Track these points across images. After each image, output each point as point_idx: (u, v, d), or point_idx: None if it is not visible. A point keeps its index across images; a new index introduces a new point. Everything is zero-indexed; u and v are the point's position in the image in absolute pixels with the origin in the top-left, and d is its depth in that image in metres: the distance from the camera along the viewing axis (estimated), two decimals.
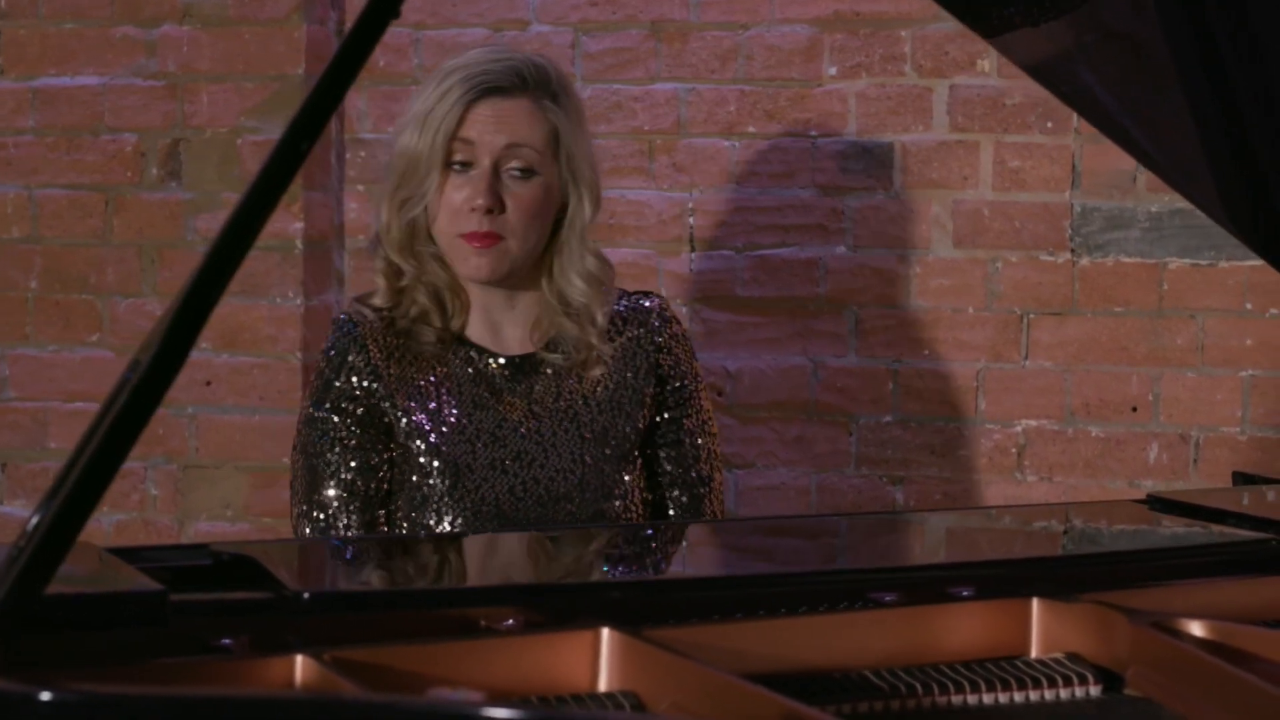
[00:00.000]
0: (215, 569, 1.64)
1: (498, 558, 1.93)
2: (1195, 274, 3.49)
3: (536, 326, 2.63)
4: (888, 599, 1.83)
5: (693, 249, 3.68)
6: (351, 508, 2.55)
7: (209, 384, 3.76)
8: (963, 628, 1.82)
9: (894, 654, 1.77)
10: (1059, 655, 1.82)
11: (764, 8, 3.64)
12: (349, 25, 3.74)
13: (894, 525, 2.29)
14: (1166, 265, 3.51)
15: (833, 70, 3.63)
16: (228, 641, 1.51)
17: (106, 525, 3.84)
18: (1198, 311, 3.49)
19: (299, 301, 3.74)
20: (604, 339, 2.62)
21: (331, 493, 2.56)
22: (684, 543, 2.13)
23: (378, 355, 2.57)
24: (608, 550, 2.04)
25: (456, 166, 2.56)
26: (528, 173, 2.56)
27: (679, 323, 2.72)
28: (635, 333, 2.66)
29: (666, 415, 2.68)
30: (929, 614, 1.81)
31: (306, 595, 1.53)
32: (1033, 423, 3.56)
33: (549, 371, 2.61)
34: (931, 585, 1.85)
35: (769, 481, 3.64)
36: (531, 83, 2.59)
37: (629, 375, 2.64)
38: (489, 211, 2.54)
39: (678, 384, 2.68)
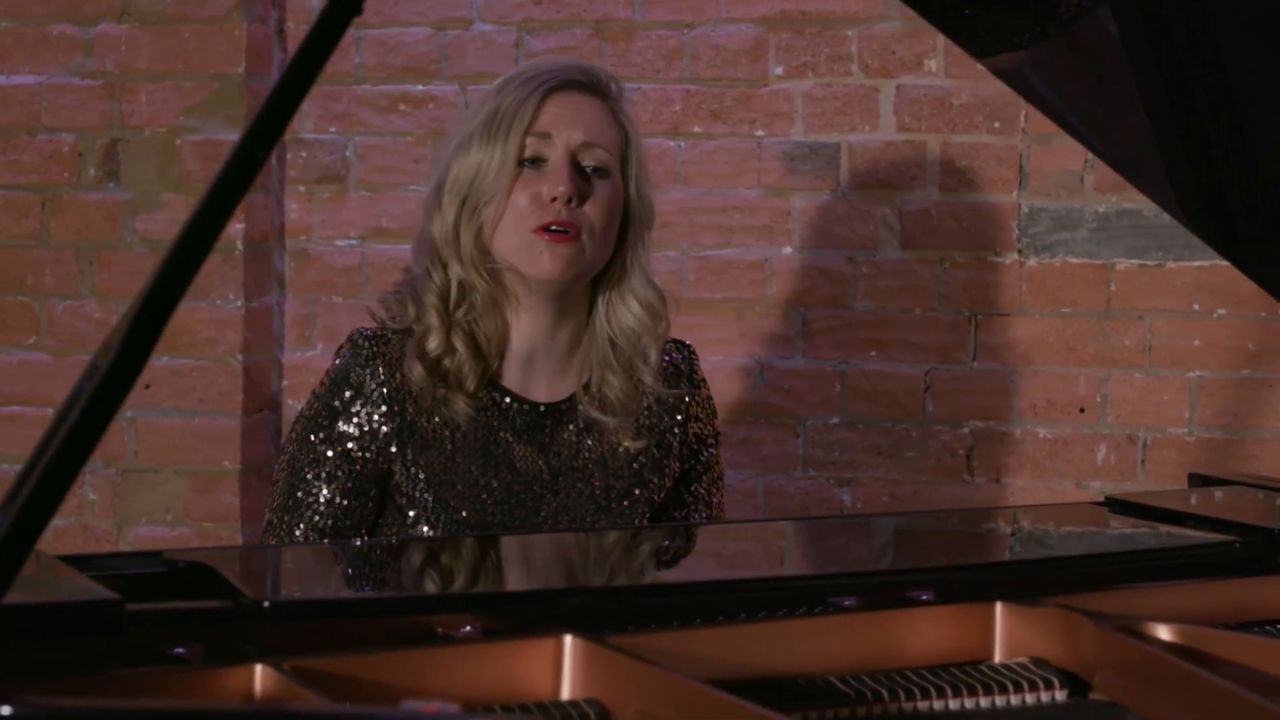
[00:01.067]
0: (169, 576, 1.60)
1: (459, 564, 1.89)
2: (1143, 275, 3.49)
3: (580, 370, 2.47)
4: (850, 604, 1.81)
5: None
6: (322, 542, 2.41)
7: (148, 387, 3.71)
8: (925, 632, 1.81)
9: (857, 659, 1.76)
10: (1024, 660, 1.81)
11: (709, 7, 3.62)
12: (290, 23, 3.73)
13: (851, 529, 2.27)
14: (1114, 266, 3.50)
15: (779, 70, 3.61)
16: (183, 650, 1.47)
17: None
18: (1145, 312, 3.49)
19: (239, 304, 3.69)
20: (658, 379, 2.47)
21: (304, 526, 2.38)
22: (645, 548, 2.10)
23: (392, 390, 2.39)
24: (570, 556, 2.01)
25: (528, 164, 2.41)
26: (603, 172, 2.43)
27: (705, 383, 2.59)
28: (666, 400, 2.52)
29: (686, 482, 2.57)
30: (892, 619, 1.80)
31: (266, 603, 1.49)
32: (981, 424, 3.55)
33: (580, 425, 2.45)
34: (894, 590, 1.84)
35: None
36: (603, 85, 2.48)
37: (654, 448, 2.50)
38: (569, 202, 2.38)
39: (703, 453, 2.58)
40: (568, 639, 1.62)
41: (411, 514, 2.40)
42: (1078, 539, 2.17)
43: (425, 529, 2.38)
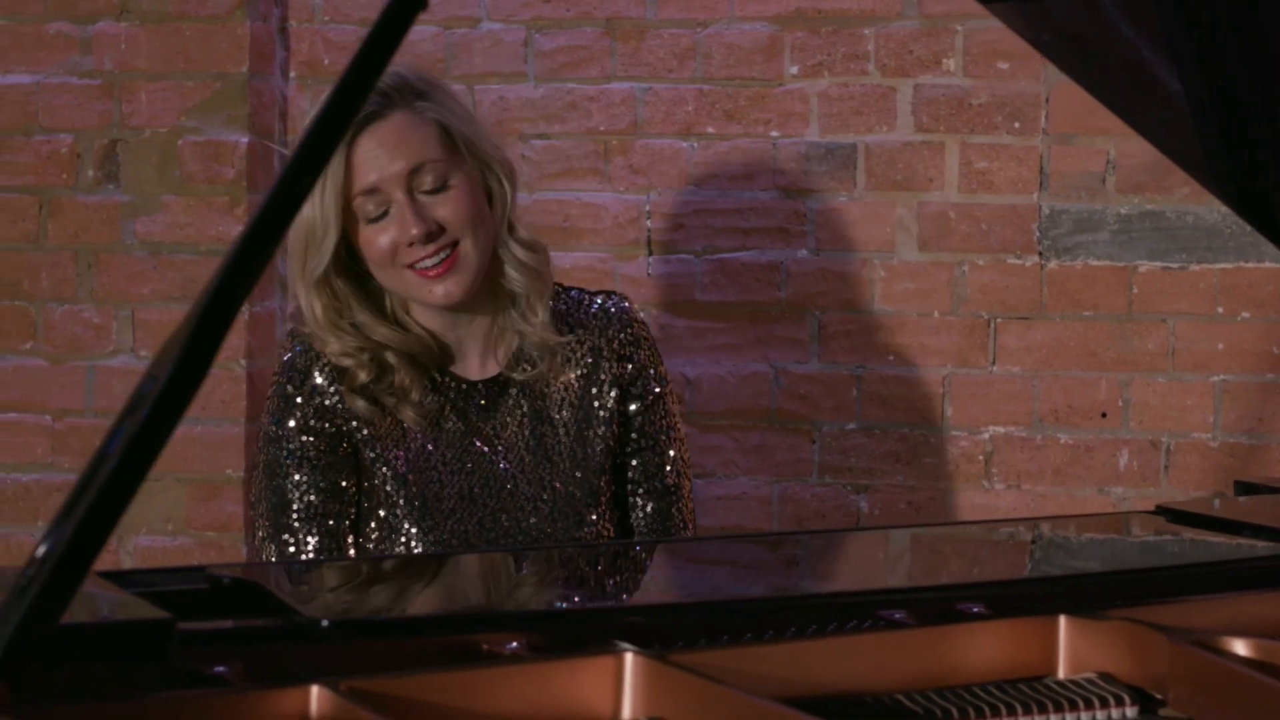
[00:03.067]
0: (214, 594, 1.52)
1: (508, 579, 1.82)
2: (1166, 277, 3.43)
3: (499, 340, 2.50)
4: (909, 618, 1.76)
5: (650, 253, 3.59)
6: (319, 530, 2.42)
7: None
8: (987, 647, 1.77)
9: (919, 675, 1.72)
10: (1090, 675, 1.76)
11: (723, 5, 3.55)
12: (293, 21, 3.65)
13: (898, 540, 2.20)
14: (1136, 268, 3.44)
15: (794, 69, 3.54)
16: (224, 670, 1.40)
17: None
18: (1168, 315, 3.43)
19: (243, 307, 3.60)
20: (549, 331, 2.48)
21: (297, 516, 2.42)
22: (689, 561, 2.03)
23: (349, 387, 2.44)
24: (616, 571, 1.94)
25: (369, 223, 2.41)
26: (442, 185, 2.41)
27: (642, 323, 2.60)
28: (595, 342, 2.53)
29: (633, 425, 2.56)
30: (952, 633, 1.76)
31: (325, 622, 1.42)
32: (1000, 429, 3.49)
33: (515, 392, 2.49)
34: (954, 603, 1.78)
35: (729, 491, 3.55)
36: (394, 94, 2.42)
37: (593, 390, 2.52)
38: (428, 237, 2.38)
39: (641, 391, 2.57)
40: (628, 656, 1.56)
41: (376, 498, 2.43)
42: (1135, 549, 2.11)
43: (390, 518, 2.41)
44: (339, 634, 1.42)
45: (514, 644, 1.59)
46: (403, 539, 2.42)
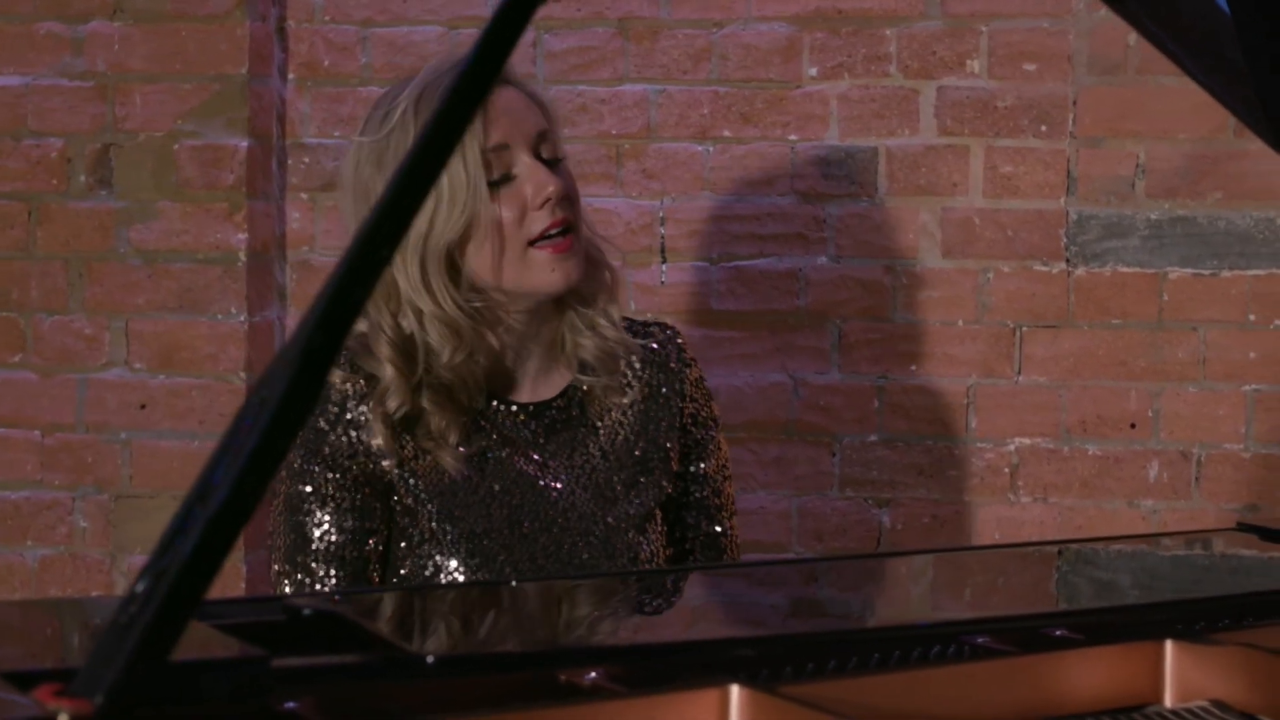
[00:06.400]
0: (293, 626, 1.40)
1: (597, 609, 1.71)
2: (1197, 284, 3.34)
3: (561, 354, 2.36)
4: (1011, 646, 1.67)
5: (664, 260, 3.47)
6: (340, 574, 2.25)
7: (144, 407, 3.50)
8: (1091, 674, 1.70)
9: (1025, 703, 1.66)
10: (1202, 703, 1.67)
11: (740, 5, 3.44)
12: (291, 21, 3.52)
13: (986, 563, 2.10)
14: (1166, 275, 3.35)
15: (813, 71, 3.44)
16: (295, 705, 1.28)
17: (31, 560, 3.56)
18: (1199, 323, 3.34)
19: (242, 318, 3.48)
20: (622, 330, 2.36)
21: (318, 559, 2.26)
22: (776, 589, 1.92)
23: (379, 409, 2.25)
24: (704, 600, 1.83)
25: (494, 185, 2.25)
26: (558, 158, 2.32)
27: (695, 362, 2.49)
28: (655, 377, 2.41)
29: (689, 468, 2.44)
30: (1056, 661, 1.69)
31: (430, 658, 1.30)
32: (1026, 441, 3.39)
33: (568, 419, 2.34)
34: (1056, 630, 1.70)
35: (747, 505, 3.44)
36: (512, 74, 2.34)
37: (650, 428, 2.39)
38: (565, 199, 2.26)
39: (700, 434, 2.45)
40: (734, 689, 1.46)
41: (415, 535, 2.27)
42: (1235, 570, 2.01)
43: (436, 554, 2.25)
44: (445, 670, 1.30)
45: (605, 677, 1.49)
46: (446, 576, 2.26)
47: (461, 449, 2.27)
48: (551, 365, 2.36)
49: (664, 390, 2.42)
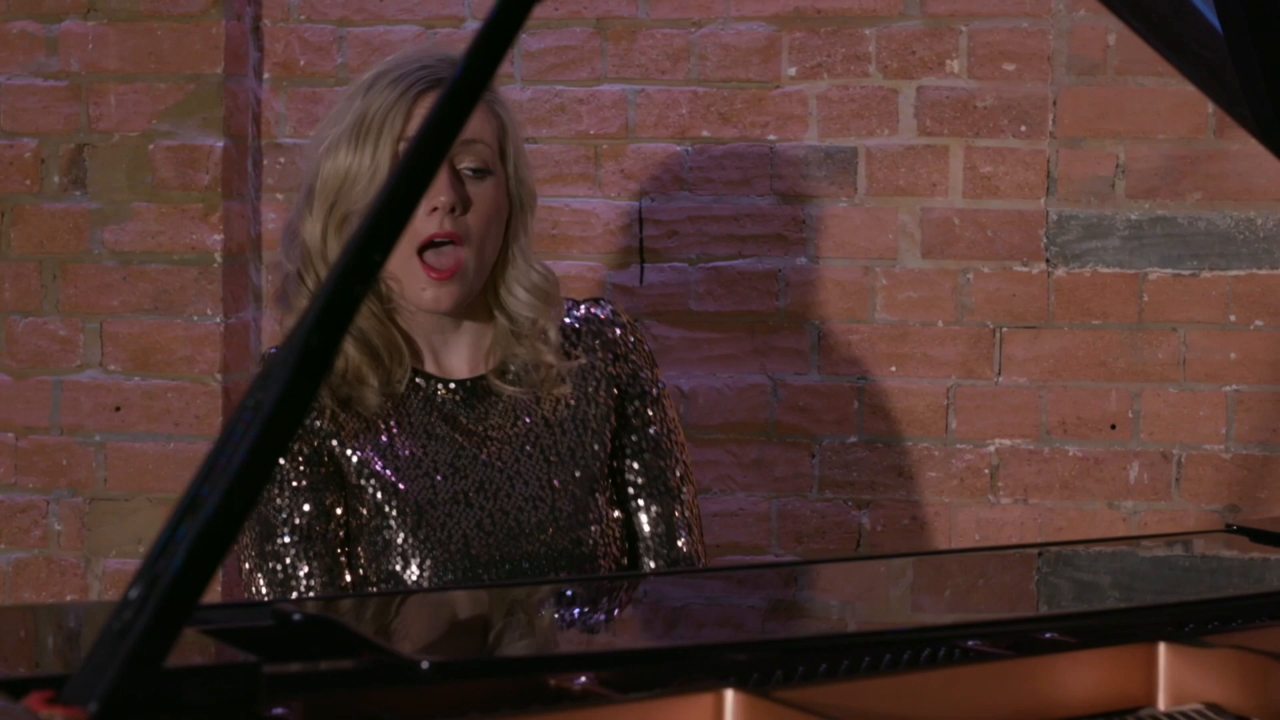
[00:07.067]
0: (283, 631, 1.38)
1: (586, 613, 1.69)
2: (1177, 285, 3.33)
3: (490, 351, 2.42)
4: (1004, 650, 1.66)
5: (643, 261, 3.46)
6: (310, 554, 2.29)
7: (119, 409, 3.47)
8: (1084, 678, 1.70)
9: (1017, 706, 1.66)
10: (1197, 706, 1.66)
11: (718, 4, 3.43)
12: (267, 20, 3.50)
13: (976, 566, 2.09)
14: (1146, 276, 3.34)
15: (792, 71, 3.42)
16: (283, 711, 1.27)
17: (4, 564, 3.53)
18: (1179, 324, 3.33)
19: (218, 320, 3.45)
20: (560, 355, 2.42)
21: (286, 540, 2.30)
22: (778, 593, 1.91)
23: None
24: (687, 604, 1.81)
25: None
26: (482, 172, 2.36)
27: (634, 329, 2.53)
28: (591, 345, 2.46)
29: (631, 427, 2.47)
30: (1049, 664, 1.70)
31: (425, 664, 1.28)
32: (1006, 442, 3.38)
33: (504, 395, 2.40)
34: (1049, 633, 1.69)
35: (726, 507, 3.43)
36: None
37: (589, 390, 2.43)
38: (452, 210, 2.31)
39: (638, 394, 2.48)
40: (728, 694, 1.44)
41: (364, 513, 2.32)
42: (1224, 571, 2.00)
43: (384, 529, 2.30)
44: (440, 675, 1.28)
45: (595, 681, 1.47)
46: (398, 552, 2.29)
47: (380, 390, 2.33)
48: (485, 340, 2.42)
49: (598, 354, 2.45)
